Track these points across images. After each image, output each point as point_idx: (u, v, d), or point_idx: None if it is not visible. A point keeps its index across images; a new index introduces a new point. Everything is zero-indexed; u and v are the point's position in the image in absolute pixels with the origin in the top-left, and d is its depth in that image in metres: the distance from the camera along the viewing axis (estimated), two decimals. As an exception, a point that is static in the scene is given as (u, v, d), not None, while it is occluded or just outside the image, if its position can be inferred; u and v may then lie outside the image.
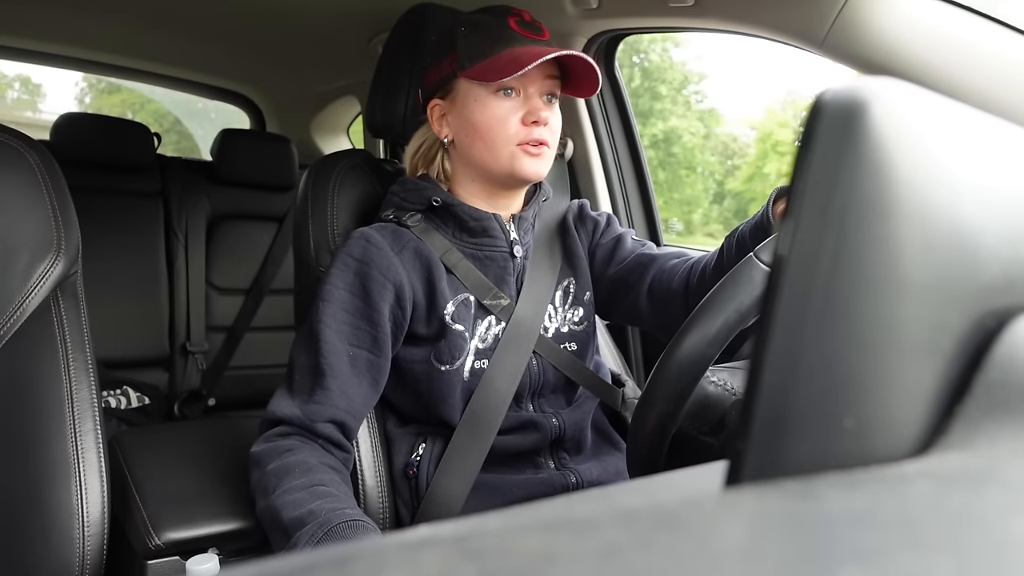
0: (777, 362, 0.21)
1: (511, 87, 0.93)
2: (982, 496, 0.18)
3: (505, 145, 0.93)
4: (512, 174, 0.95)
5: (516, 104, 0.93)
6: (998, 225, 0.25)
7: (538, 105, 0.93)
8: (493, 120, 0.93)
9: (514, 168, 0.94)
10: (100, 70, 2.45)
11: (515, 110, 0.93)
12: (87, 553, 0.89)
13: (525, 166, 0.94)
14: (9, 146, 0.90)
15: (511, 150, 0.93)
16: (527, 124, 0.93)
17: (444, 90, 0.97)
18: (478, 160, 0.96)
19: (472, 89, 0.94)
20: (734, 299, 0.65)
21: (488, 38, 0.93)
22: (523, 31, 0.93)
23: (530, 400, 0.99)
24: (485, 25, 0.94)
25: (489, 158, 0.95)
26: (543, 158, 0.95)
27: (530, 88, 0.93)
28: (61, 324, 0.91)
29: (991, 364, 0.24)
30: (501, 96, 0.93)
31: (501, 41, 0.92)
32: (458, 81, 0.95)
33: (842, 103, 0.22)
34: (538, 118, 0.93)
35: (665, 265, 1.01)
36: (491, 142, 0.93)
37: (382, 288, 0.92)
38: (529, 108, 0.93)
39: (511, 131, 0.93)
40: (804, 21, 1.02)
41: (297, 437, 0.88)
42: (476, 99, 0.94)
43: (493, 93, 0.93)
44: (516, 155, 0.93)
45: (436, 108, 0.99)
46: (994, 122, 0.27)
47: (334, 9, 1.74)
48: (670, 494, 0.26)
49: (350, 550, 0.16)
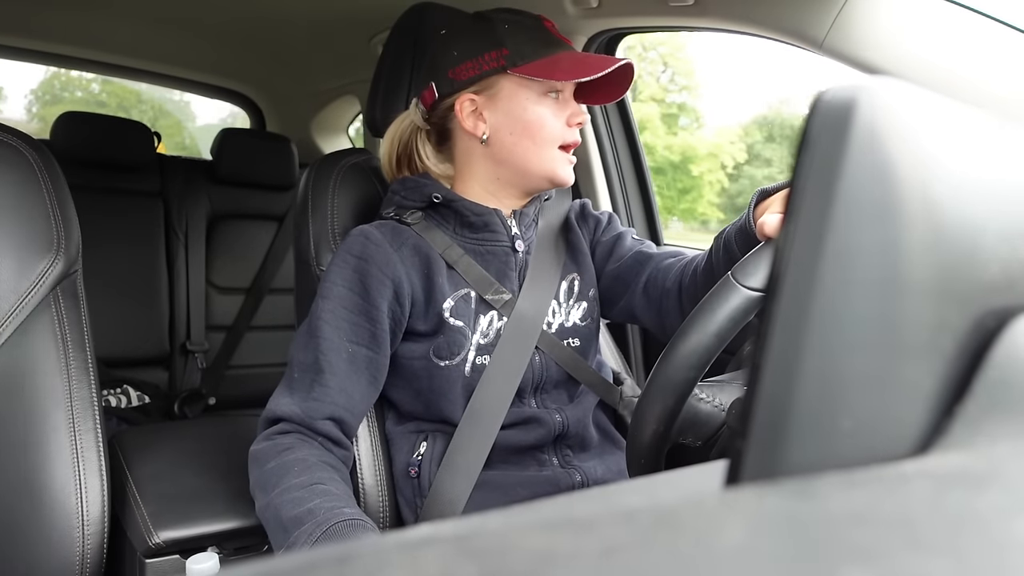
0: (777, 362, 0.21)
1: (557, 89, 0.96)
2: (982, 496, 0.18)
3: (550, 145, 0.96)
4: (550, 177, 0.98)
5: (559, 106, 0.97)
6: (998, 224, 0.25)
7: (577, 108, 0.98)
8: (543, 119, 0.95)
9: (553, 171, 0.97)
10: (101, 70, 2.44)
11: (560, 111, 0.96)
12: (87, 552, 0.89)
13: (564, 171, 0.98)
14: (9, 145, 0.90)
15: (554, 152, 0.97)
16: (571, 125, 0.97)
17: (481, 85, 0.96)
18: (520, 159, 0.97)
19: (523, 87, 0.95)
20: (712, 322, 0.67)
21: (538, 38, 0.95)
22: (561, 37, 0.98)
23: (532, 396, 0.99)
24: (528, 26, 0.96)
25: (534, 157, 0.97)
26: (572, 164, 1.00)
27: (566, 91, 0.97)
28: (61, 323, 0.91)
29: (991, 364, 0.24)
30: (551, 97, 0.96)
31: (552, 44, 0.95)
32: (502, 77, 0.94)
33: (841, 103, 0.22)
34: (580, 120, 0.97)
35: (661, 264, 1.01)
36: (540, 141, 0.96)
37: (381, 285, 0.92)
38: (572, 110, 0.97)
39: (557, 131, 0.96)
40: (804, 21, 1.02)
41: (296, 435, 0.88)
42: (528, 97, 0.95)
43: (544, 93, 0.95)
44: (557, 159, 0.97)
45: (467, 103, 0.97)
46: (994, 121, 0.27)
47: (334, 9, 1.74)
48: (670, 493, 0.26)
49: (350, 549, 0.16)
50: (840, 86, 0.22)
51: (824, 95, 0.22)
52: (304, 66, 2.26)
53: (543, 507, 0.21)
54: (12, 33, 2.08)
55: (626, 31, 1.47)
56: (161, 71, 2.45)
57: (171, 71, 2.47)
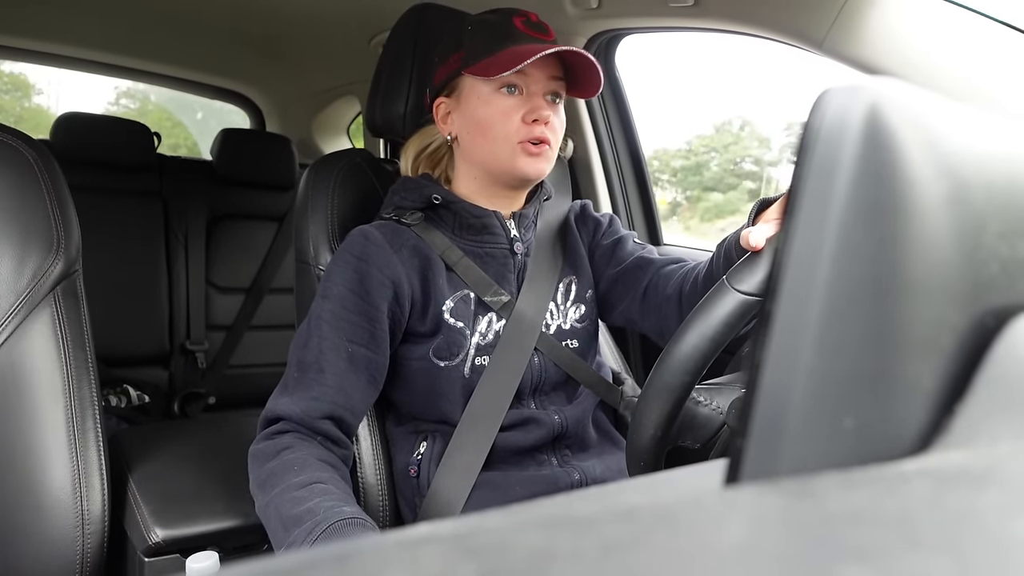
0: (777, 361, 0.21)
1: (514, 84, 0.93)
2: (982, 496, 0.18)
3: (506, 142, 0.94)
4: (512, 172, 0.95)
5: (519, 102, 0.94)
6: (998, 224, 0.25)
7: (540, 104, 0.94)
8: (495, 117, 0.93)
9: (515, 166, 0.95)
10: (101, 70, 2.44)
11: (517, 108, 0.93)
12: (87, 551, 0.89)
13: (525, 165, 0.94)
14: (9, 145, 0.90)
15: (512, 147, 0.94)
16: (528, 122, 0.93)
17: (450, 88, 0.98)
18: (480, 157, 0.97)
19: (476, 86, 0.94)
20: (707, 327, 0.67)
21: (493, 35, 0.93)
22: (528, 31, 0.94)
23: (531, 397, 0.99)
24: (491, 23, 0.95)
25: (490, 155, 0.95)
26: (544, 157, 0.95)
27: (533, 87, 0.94)
28: (61, 323, 0.91)
29: (991, 363, 0.24)
30: (504, 93, 0.93)
31: (506, 38, 0.93)
32: (463, 78, 0.96)
33: (842, 103, 0.22)
34: (539, 116, 0.93)
35: (662, 270, 1.01)
36: (492, 139, 0.94)
37: (381, 285, 0.92)
38: (531, 106, 0.93)
39: (512, 128, 0.93)
40: (804, 21, 1.02)
41: (296, 434, 0.88)
42: (479, 96, 0.94)
43: (496, 90, 0.93)
44: (516, 153, 0.94)
45: (442, 106, 1.00)
46: (994, 121, 0.27)
47: (334, 9, 1.74)
48: (670, 492, 0.26)
49: (350, 548, 0.16)
50: (840, 86, 0.22)
51: (824, 95, 0.22)
52: (304, 66, 2.26)
53: (542, 506, 0.21)
54: (11, 33, 2.08)
55: (626, 32, 1.47)
56: (162, 71, 2.45)
57: (171, 71, 2.47)
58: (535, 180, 0.98)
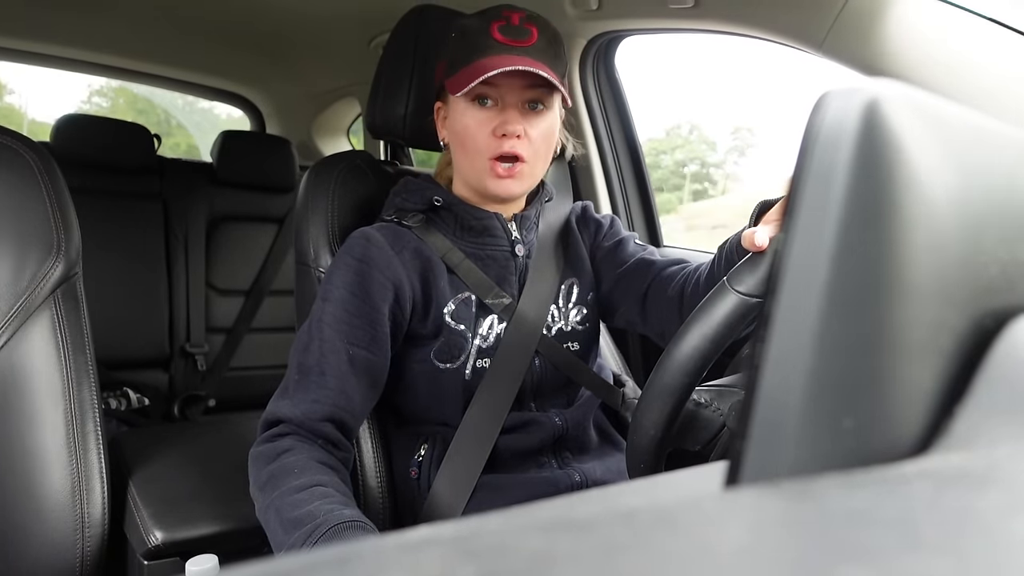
0: (777, 363, 0.21)
1: (486, 96, 0.91)
2: (982, 496, 0.18)
3: (478, 157, 0.92)
4: (483, 189, 0.95)
5: (491, 115, 0.91)
6: (997, 226, 0.25)
7: (511, 116, 0.91)
8: (467, 130, 0.92)
9: (482, 184, 0.94)
10: (101, 71, 2.45)
11: (488, 121, 0.91)
12: (87, 554, 0.89)
13: (494, 185, 0.93)
14: (9, 147, 0.90)
15: (483, 163, 0.92)
16: (497, 136, 0.91)
17: (443, 94, 0.98)
18: (462, 168, 0.97)
19: (455, 98, 0.94)
20: (708, 328, 0.67)
21: (467, 45, 0.91)
22: (505, 38, 0.90)
23: (532, 399, 0.99)
24: (469, 31, 0.93)
25: (469, 168, 0.95)
26: (515, 178, 0.93)
27: (508, 98, 0.91)
28: (61, 325, 0.91)
29: (991, 364, 0.24)
30: (477, 106, 0.91)
31: (478, 49, 0.90)
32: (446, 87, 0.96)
33: (842, 105, 0.22)
34: (507, 131, 0.90)
35: (663, 272, 1.01)
36: (467, 152, 0.93)
37: (382, 288, 0.92)
38: (501, 120, 0.91)
39: (482, 143, 0.91)
40: (804, 22, 1.02)
41: (296, 437, 0.88)
42: (457, 107, 0.94)
43: (471, 102, 0.92)
44: (486, 171, 0.92)
45: (440, 111, 1.00)
46: (993, 124, 0.27)
47: (334, 10, 1.74)
48: (670, 494, 0.26)
49: (350, 550, 0.16)
50: (841, 88, 0.22)
51: (825, 97, 0.22)
52: (304, 68, 2.26)
53: (543, 508, 0.21)
54: (12, 35, 2.08)
55: (626, 33, 1.47)
56: (162, 73, 2.46)
57: (172, 73, 2.48)
58: (506, 200, 0.98)
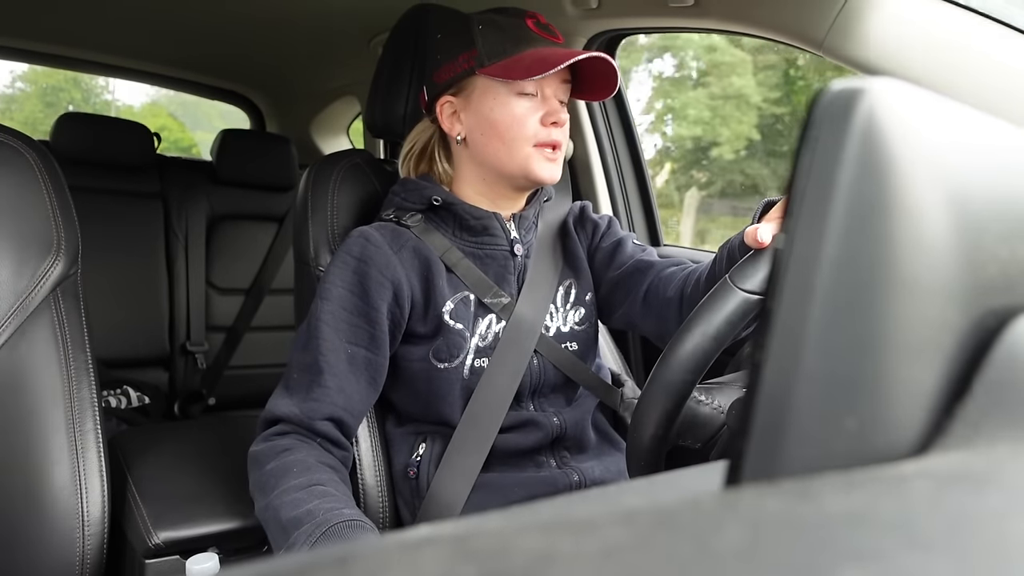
0: (777, 362, 0.21)
1: (532, 88, 0.94)
2: (982, 496, 0.18)
3: (523, 145, 0.94)
4: (527, 175, 0.96)
5: (535, 104, 0.94)
6: (997, 225, 0.25)
7: (556, 107, 0.95)
8: (513, 119, 0.93)
9: (529, 169, 0.95)
10: (100, 70, 2.45)
11: (534, 110, 0.94)
12: (87, 553, 0.89)
13: (541, 169, 0.95)
14: (9, 146, 0.90)
15: (527, 151, 0.94)
16: (546, 125, 0.94)
17: (458, 87, 0.97)
18: (493, 159, 0.96)
19: (491, 87, 0.94)
20: (709, 325, 0.67)
21: (509, 37, 0.93)
22: (541, 32, 0.94)
23: (530, 399, 0.99)
24: (504, 24, 0.94)
25: (505, 157, 0.95)
26: (557, 162, 0.96)
27: (547, 90, 0.95)
28: (61, 324, 0.91)
29: (991, 364, 0.24)
30: (521, 96, 0.94)
31: (523, 41, 0.93)
32: (475, 78, 0.95)
33: (842, 103, 0.22)
34: (558, 119, 0.94)
35: (662, 273, 1.00)
36: (509, 141, 0.94)
37: (381, 287, 0.92)
38: (548, 109, 0.94)
39: (530, 131, 0.94)
40: (804, 21, 1.02)
41: (295, 436, 0.88)
42: (495, 97, 0.94)
43: (514, 93, 0.93)
44: (532, 157, 0.94)
45: (447, 105, 0.98)
46: (993, 122, 0.27)
47: (334, 9, 1.74)
48: (670, 494, 0.26)
49: (350, 550, 0.16)
50: (840, 86, 0.22)
51: (824, 94, 0.22)
52: (304, 67, 2.26)
53: (542, 508, 0.21)
54: (12, 34, 2.08)
55: (626, 32, 1.47)
56: (162, 72, 2.46)
57: (172, 72, 2.48)
58: (547, 183, 0.98)
